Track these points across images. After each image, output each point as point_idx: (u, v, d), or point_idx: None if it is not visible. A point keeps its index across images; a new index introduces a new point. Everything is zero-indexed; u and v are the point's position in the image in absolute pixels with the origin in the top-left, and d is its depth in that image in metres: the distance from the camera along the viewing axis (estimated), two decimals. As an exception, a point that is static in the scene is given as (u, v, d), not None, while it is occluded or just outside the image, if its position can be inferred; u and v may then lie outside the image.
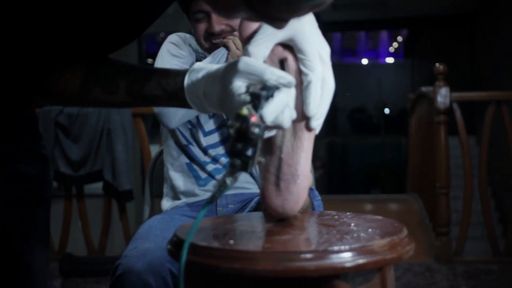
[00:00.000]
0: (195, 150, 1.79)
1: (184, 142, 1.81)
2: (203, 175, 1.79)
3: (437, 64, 3.88)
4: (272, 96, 0.81)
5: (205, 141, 1.78)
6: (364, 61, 13.02)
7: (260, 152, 0.80)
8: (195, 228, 0.78)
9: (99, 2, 0.92)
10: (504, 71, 7.48)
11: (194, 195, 1.77)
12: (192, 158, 1.79)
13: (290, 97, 0.84)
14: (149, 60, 8.65)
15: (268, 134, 0.88)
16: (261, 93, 0.80)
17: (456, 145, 4.20)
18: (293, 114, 0.85)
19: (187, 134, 1.80)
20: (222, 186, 0.78)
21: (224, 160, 1.77)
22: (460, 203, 4.17)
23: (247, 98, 0.81)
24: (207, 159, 1.78)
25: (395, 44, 12.97)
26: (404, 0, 9.31)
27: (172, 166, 1.82)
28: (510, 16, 7.20)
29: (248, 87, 0.84)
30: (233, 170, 0.78)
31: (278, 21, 0.79)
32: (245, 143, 0.77)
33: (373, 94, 11.92)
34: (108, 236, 4.06)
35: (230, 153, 0.78)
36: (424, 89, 4.63)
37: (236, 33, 1.76)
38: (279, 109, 0.82)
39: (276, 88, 0.83)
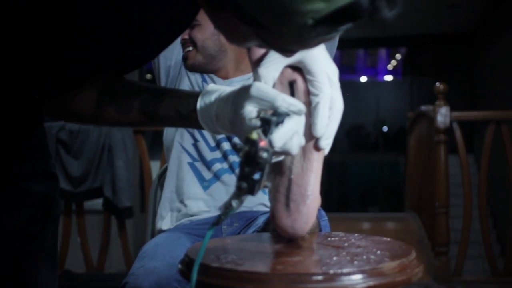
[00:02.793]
0: (203, 147, 1.80)
1: (192, 141, 1.81)
2: (207, 175, 1.80)
3: (437, 84, 3.90)
4: (282, 122, 0.83)
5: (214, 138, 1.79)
6: (363, 79, 13.07)
7: (267, 177, 0.81)
8: (203, 250, 0.79)
9: (116, 25, 0.94)
10: (501, 88, 7.52)
11: (199, 199, 1.77)
12: (199, 157, 1.79)
13: (300, 125, 0.87)
14: (148, 76, 8.64)
15: (276, 159, 0.89)
16: (272, 119, 0.82)
17: (454, 163, 4.21)
18: (302, 141, 0.88)
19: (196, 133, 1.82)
20: (228, 209, 0.80)
21: (231, 158, 1.78)
22: (457, 221, 4.18)
23: (258, 123, 0.83)
24: (217, 155, 1.78)
25: (394, 62, 13.04)
26: (402, 18, 9.36)
27: (182, 166, 1.81)
28: (507, 35, 7.25)
29: (259, 112, 0.85)
30: (239, 193, 0.79)
31: (288, 52, 0.81)
32: (253, 167, 0.79)
33: (371, 111, 11.96)
34: (107, 253, 4.06)
35: (238, 176, 0.79)
36: (423, 108, 4.65)
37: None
38: (288, 135, 0.84)
39: (286, 114, 0.84)
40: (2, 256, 1.08)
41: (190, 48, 1.82)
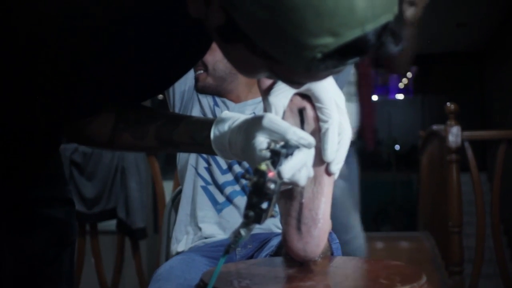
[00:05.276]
0: (215, 171, 1.82)
1: (205, 164, 1.83)
2: (220, 199, 1.81)
3: (448, 103, 3.90)
4: (291, 154, 0.86)
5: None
6: (374, 97, 13.05)
7: (274, 206, 0.83)
8: (216, 276, 0.81)
9: (135, 56, 0.96)
10: (513, 107, 7.51)
11: (213, 222, 1.78)
12: (212, 180, 1.81)
13: (309, 157, 0.89)
14: (160, 96, 8.66)
15: (284, 188, 0.92)
16: (281, 151, 0.85)
17: (467, 181, 4.19)
18: (310, 173, 0.90)
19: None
20: (237, 237, 0.82)
21: (243, 180, 1.77)
22: (472, 239, 4.14)
23: (267, 154, 0.85)
24: (229, 177, 1.80)
25: (405, 80, 13.02)
26: (413, 37, 9.35)
27: (196, 190, 1.84)
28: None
29: (269, 143, 0.88)
30: (247, 222, 0.82)
31: (297, 84, 0.84)
32: (261, 197, 0.81)
33: (383, 130, 11.92)
34: (121, 274, 4.06)
35: (246, 205, 0.82)
36: (435, 127, 4.64)
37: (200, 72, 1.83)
38: (296, 167, 0.86)
39: (296, 147, 0.87)
40: (21, 279, 1.11)
41: (201, 71, 1.85)
